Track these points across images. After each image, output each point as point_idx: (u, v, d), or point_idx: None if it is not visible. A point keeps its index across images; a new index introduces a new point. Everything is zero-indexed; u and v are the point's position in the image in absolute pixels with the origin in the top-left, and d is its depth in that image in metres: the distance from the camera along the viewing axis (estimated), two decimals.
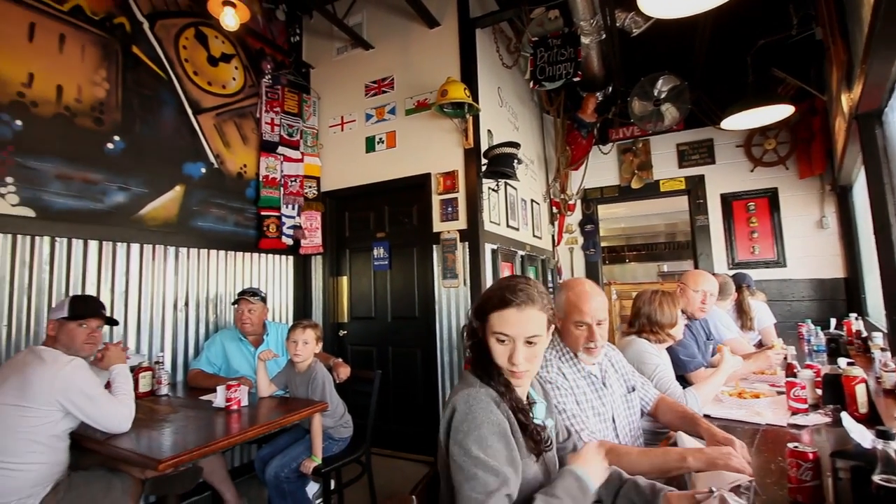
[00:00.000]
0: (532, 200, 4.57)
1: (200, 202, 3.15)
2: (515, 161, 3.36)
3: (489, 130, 3.54)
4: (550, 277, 4.85)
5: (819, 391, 1.77)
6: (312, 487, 2.38)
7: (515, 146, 3.34)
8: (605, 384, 1.51)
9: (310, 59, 4.09)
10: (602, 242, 5.61)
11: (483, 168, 3.35)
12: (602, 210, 5.52)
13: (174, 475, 1.57)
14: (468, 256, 3.27)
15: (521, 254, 4.08)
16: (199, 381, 2.59)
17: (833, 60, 2.95)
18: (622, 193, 5.17)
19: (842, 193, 4.16)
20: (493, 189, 3.58)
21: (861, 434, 1.02)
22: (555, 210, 5.18)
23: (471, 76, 3.36)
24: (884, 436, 0.86)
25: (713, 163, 4.76)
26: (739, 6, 2.43)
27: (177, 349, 2.92)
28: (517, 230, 4.06)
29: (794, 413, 1.68)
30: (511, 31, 4.03)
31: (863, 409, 1.54)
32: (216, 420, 1.96)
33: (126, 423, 1.75)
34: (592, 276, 5.14)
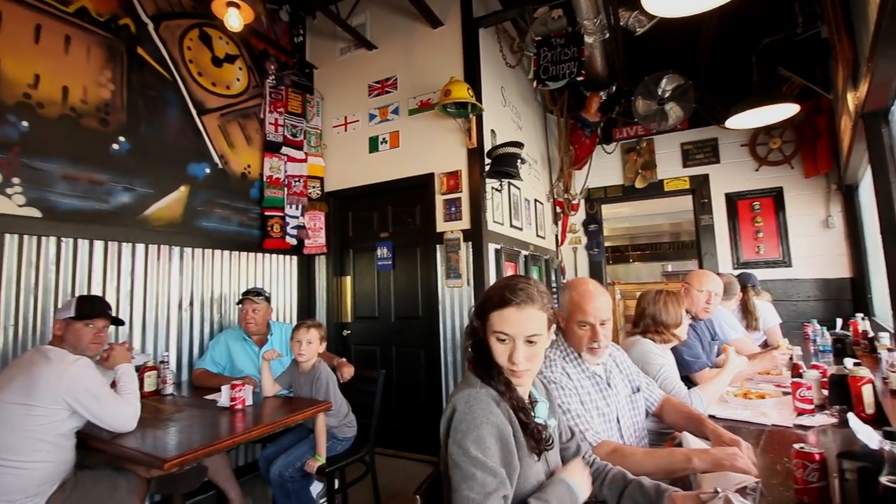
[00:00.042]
0: (535, 200, 4.57)
1: (205, 202, 3.16)
2: (519, 161, 3.36)
3: (492, 130, 3.54)
4: (554, 277, 4.85)
5: (825, 392, 1.76)
6: (316, 487, 2.39)
7: (519, 146, 3.34)
8: (610, 384, 1.50)
9: (313, 60, 4.10)
10: (606, 242, 5.59)
11: (486, 168, 3.35)
12: (606, 210, 5.50)
13: (179, 474, 1.57)
14: (471, 256, 3.27)
15: (525, 253, 4.07)
16: (204, 381, 2.60)
17: (839, 59, 2.94)
18: (626, 193, 5.15)
19: (847, 192, 4.13)
20: (497, 189, 3.58)
21: (868, 435, 1.01)
22: (558, 210, 5.17)
23: (474, 76, 3.36)
24: (891, 437, 0.86)
25: (717, 162, 4.73)
26: (744, 4, 2.42)
27: (182, 349, 2.94)
28: (521, 230, 4.05)
29: (800, 414, 1.67)
30: (514, 31, 4.03)
31: (869, 410, 1.54)
32: (221, 419, 1.96)
33: (131, 423, 1.76)
34: (596, 276, 5.13)
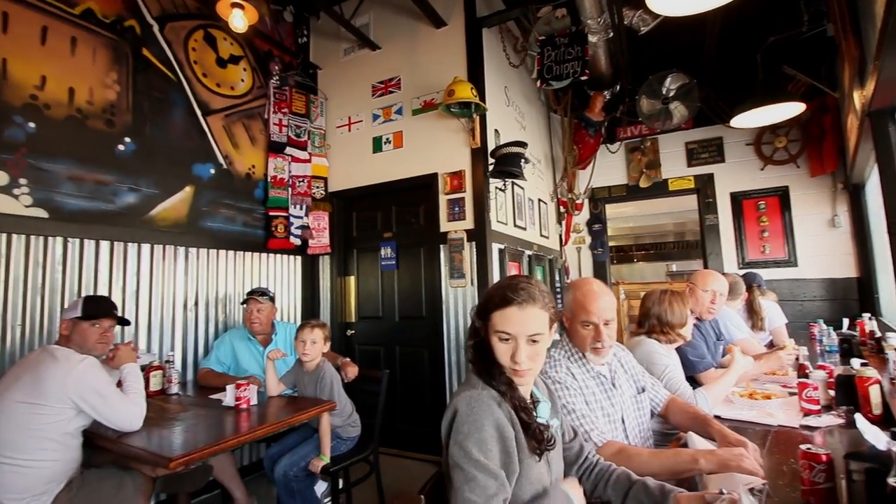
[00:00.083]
0: (539, 200, 4.56)
1: (210, 203, 3.18)
2: (522, 160, 3.36)
3: (496, 130, 3.54)
4: (558, 277, 4.84)
5: (832, 392, 1.75)
6: (321, 486, 2.39)
7: (522, 145, 3.33)
8: (615, 385, 1.50)
9: (317, 60, 4.11)
10: (610, 242, 5.58)
11: (490, 168, 3.34)
12: (610, 209, 5.49)
13: (185, 473, 1.58)
14: (475, 256, 3.27)
15: (529, 253, 4.07)
16: (209, 380, 2.61)
17: (845, 57, 2.92)
18: (630, 192, 5.14)
19: (854, 192, 4.10)
20: (501, 189, 3.57)
21: (875, 435, 1.00)
22: (562, 209, 5.16)
23: (477, 76, 3.36)
24: None
25: (723, 161, 4.71)
26: (749, 3, 2.41)
27: (187, 348, 2.95)
28: (524, 230, 4.05)
29: (807, 414, 1.66)
30: (518, 31, 4.02)
31: (877, 411, 1.53)
32: (226, 419, 1.97)
33: (137, 422, 1.77)
34: (600, 276, 5.11)
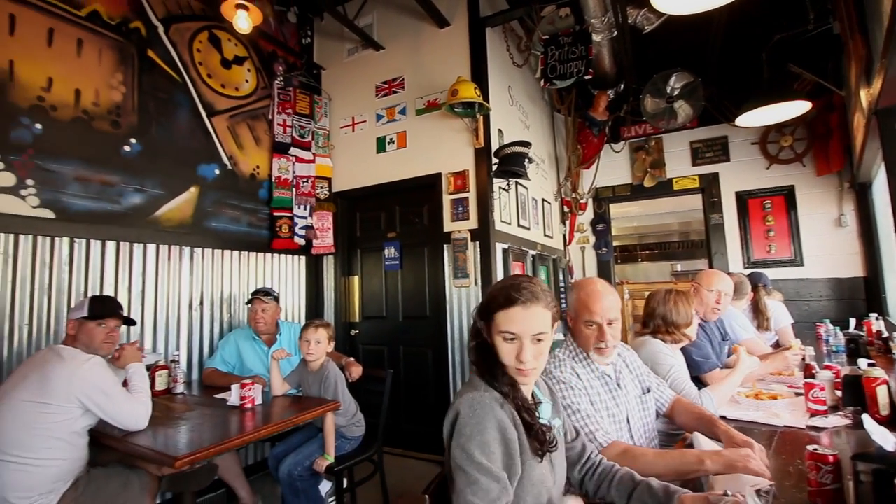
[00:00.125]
0: (543, 200, 4.55)
1: (214, 203, 3.19)
2: (526, 160, 3.35)
3: (500, 130, 3.53)
4: (562, 277, 4.83)
5: (838, 393, 1.73)
6: (325, 486, 2.39)
7: (526, 145, 3.33)
8: (620, 385, 1.49)
9: (321, 61, 4.12)
10: (614, 242, 5.56)
11: (494, 167, 3.34)
12: (614, 209, 5.47)
13: (190, 472, 1.59)
14: (479, 256, 3.27)
15: (532, 253, 4.06)
16: (214, 380, 2.62)
17: (851, 55, 2.89)
18: (634, 192, 5.13)
19: (861, 191, 4.07)
20: (504, 188, 3.57)
21: (883, 436, 1.00)
22: (566, 209, 5.15)
23: (481, 75, 3.36)
24: None
25: (728, 160, 4.69)
26: (753, 1, 2.39)
27: (192, 348, 2.97)
28: (528, 229, 4.04)
29: (813, 415, 1.64)
30: (521, 30, 4.02)
31: (884, 412, 1.51)
32: (231, 418, 1.98)
33: (143, 421, 1.78)
34: (604, 276, 5.10)
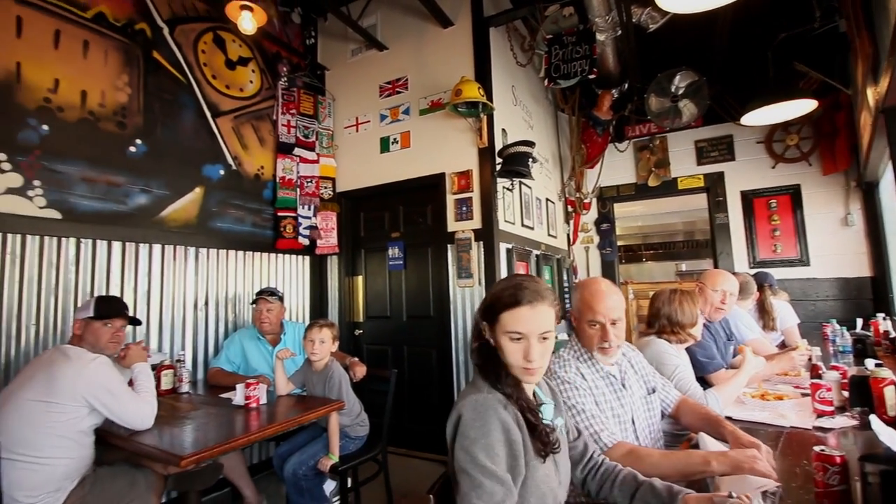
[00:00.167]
0: (547, 199, 4.54)
1: (219, 203, 3.21)
2: (530, 160, 3.35)
3: (503, 129, 3.53)
4: (566, 277, 4.82)
5: (845, 393, 1.72)
6: (329, 485, 2.40)
7: (530, 145, 3.32)
8: (625, 385, 1.49)
9: (325, 61, 4.13)
10: (618, 241, 5.54)
11: (497, 167, 3.34)
12: (618, 208, 5.45)
13: (195, 471, 1.60)
14: (483, 256, 3.26)
15: (536, 253, 4.06)
16: (219, 380, 2.63)
17: (858, 53, 2.87)
18: (639, 191, 5.10)
19: (867, 190, 4.04)
20: (508, 188, 3.57)
21: (891, 437, 0.99)
22: (570, 209, 5.14)
23: (485, 75, 3.36)
24: None
25: (733, 159, 4.66)
26: None
27: (197, 348, 2.98)
28: (532, 229, 4.03)
29: (820, 415, 1.63)
30: (525, 30, 4.01)
31: (892, 413, 1.50)
32: (236, 418, 1.99)
33: (149, 420, 1.79)
34: (609, 276, 5.08)
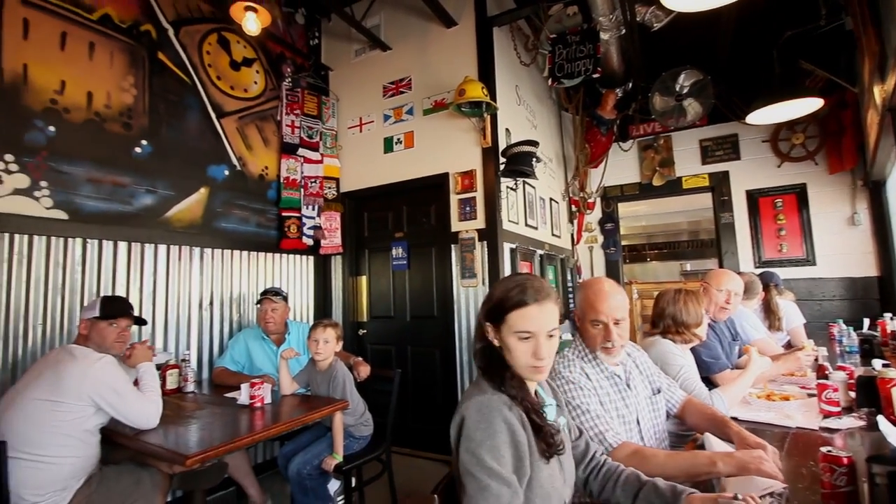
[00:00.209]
0: (551, 199, 4.53)
1: (224, 204, 3.22)
2: (534, 159, 3.34)
3: (507, 129, 3.53)
4: (570, 277, 4.81)
5: (852, 394, 1.71)
6: (334, 484, 2.40)
7: (534, 144, 3.32)
8: (630, 386, 1.48)
9: (328, 62, 4.14)
10: (622, 241, 5.52)
11: (501, 167, 3.33)
12: (622, 208, 5.43)
13: (201, 470, 1.60)
14: (486, 256, 3.26)
15: (540, 253, 4.05)
16: (224, 379, 2.65)
17: (865, 51, 2.85)
18: (643, 191, 5.09)
19: (874, 189, 4.01)
20: (512, 188, 3.56)
21: None
22: (574, 208, 5.13)
23: (488, 75, 3.35)
24: None
25: (738, 158, 4.64)
26: None
27: (202, 347, 3.00)
28: (536, 229, 4.03)
29: (827, 416, 1.62)
30: (529, 29, 4.00)
31: None
32: (240, 417, 2.00)
33: (154, 420, 1.80)
34: (613, 276, 5.07)
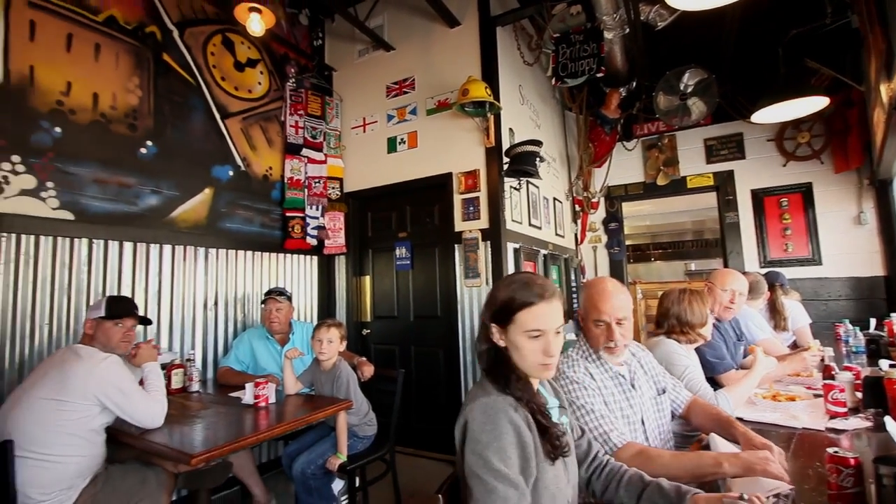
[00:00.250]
0: (554, 199, 4.53)
1: (228, 204, 3.23)
2: (537, 159, 3.34)
3: (510, 129, 3.52)
4: (573, 277, 4.80)
5: (859, 394, 1.70)
6: (338, 484, 2.41)
7: (537, 144, 3.31)
8: (634, 386, 1.48)
9: (332, 62, 4.15)
10: (626, 241, 5.50)
11: (505, 167, 3.33)
12: (626, 208, 5.42)
13: (206, 470, 1.61)
14: (490, 256, 3.26)
15: (544, 253, 4.04)
16: (229, 379, 2.66)
17: (871, 49, 2.83)
18: (647, 190, 5.07)
19: (881, 188, 3.98)
20: (515, 188, 3.56)
21: None
22: (578, 208, 5.11)
23: (492, 75, 3.35)
24: None
25: (743, 158, 4.61)
26: None
27: (207, 347, 3.01)
28: (539, 229, 4.02)
29: (833, 417, 1.61)
30: (532, 28, 4.00)
31: None
32: (245, 417, 2.00)
33: (159, 419, 1.81)
34: (617, 275, 5.06)
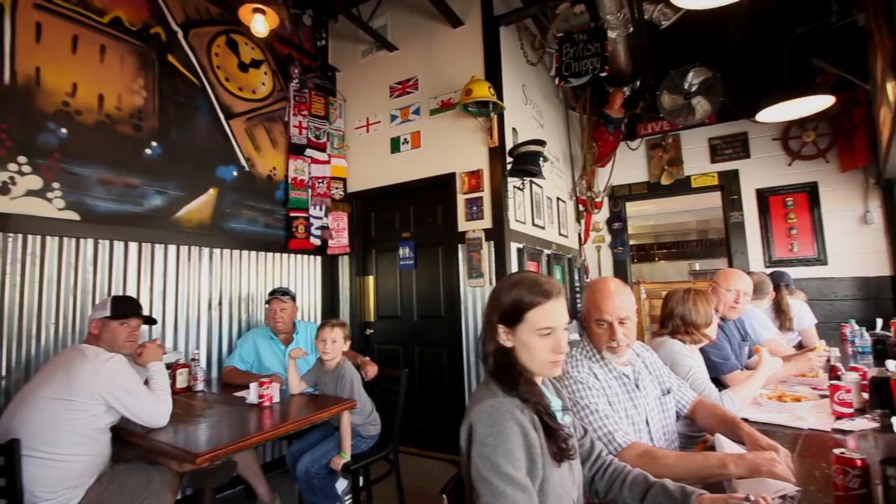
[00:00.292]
0: (558, 198, 4.52)
1: (232, 204, 3.24)
2: (541, 159, 3.33)
3: (514, 128, 3.52)
4: (577, 276, 4.78)
5: (865, 395, 1.69)
6: (342, 484, 2.41)
7: (541, 144, 3.31)
8: (639, 386, 1.47)
9: (336, 63, 4.15)
10: (630, 240, 5.49)
11: (508, 166, 3.33)
12: (630, 207, 5.40)
13: (210, 469, 1.62)
14: (493, 256, 3.26)
15: (547, 252, 4.04)
16: (233, 378, 2.67)
17: (877, 48, 2.81)
18: (651, 190, 5.05)
19: (887, 187, 3.95)
20: (519, 187, 3.55)
21: None
22: (581, 208, 5.10)
23: (495, 74, 3.35)
24: None
25: (748, 157, 4.59)
26: None
27: (211, 347, 3.02)
28: (543, 229, 4.01)
29: (839, 417, 1.60)
30: (535, 28, 3.99)
31: None
32: (249, 416, 2.01)
33: (164, 418, 1.82)
34: (621, 275, 5.04)
